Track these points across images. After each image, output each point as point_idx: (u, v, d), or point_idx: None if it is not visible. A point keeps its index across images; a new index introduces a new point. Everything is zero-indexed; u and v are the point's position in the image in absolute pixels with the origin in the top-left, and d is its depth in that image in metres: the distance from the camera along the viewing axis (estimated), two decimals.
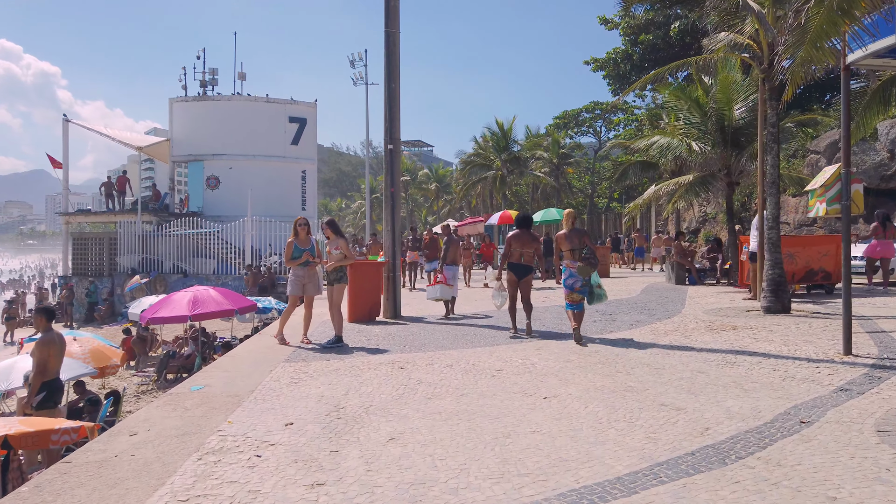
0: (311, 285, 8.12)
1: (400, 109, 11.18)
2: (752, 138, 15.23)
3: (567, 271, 7.65)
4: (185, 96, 28.99)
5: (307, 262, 7.99)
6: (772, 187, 9.79)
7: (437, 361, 6.82)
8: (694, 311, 10.22)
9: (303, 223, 8.10)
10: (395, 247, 11.09)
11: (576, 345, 7.41)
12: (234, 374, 6.38)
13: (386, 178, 11.17)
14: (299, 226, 8.05)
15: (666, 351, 6.89)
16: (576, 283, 7.60)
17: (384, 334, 8.89)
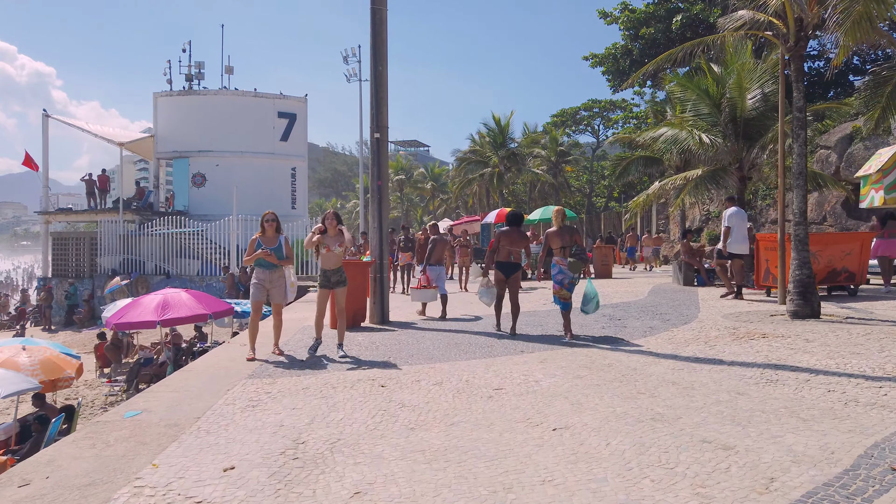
0: (277, 291, 7.01)
1: (387, 95, 10.19)
2: (765, 129, 14.32)
3: (557, 268, 7.65)
4: (169, 91, 27.94)
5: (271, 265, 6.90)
6: (798, 179, 8.83)
7: (425, 377, 5.84)
8: (711, 315, 9.25)
9: (270, 218, 7.02)
10: (382, 245, 10.11)
11: (586, 358, 6.43)
12: (183, 396, 5.38)
13: (372, 170, 10.19)
14: (266, 221, 6.99)
15: (691, 365, 5.92)
16: (565, 279, 7.60)
17: (368, 343, 7.90)
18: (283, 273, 7.05)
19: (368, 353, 7.21)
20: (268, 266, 6.92)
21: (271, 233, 6.99)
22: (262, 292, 6.96)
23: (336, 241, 6.92)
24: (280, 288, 7.03)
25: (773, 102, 14.57)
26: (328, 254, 6.90)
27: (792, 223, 8.91)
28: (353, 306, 9.56)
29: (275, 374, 6.12)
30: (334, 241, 6.92)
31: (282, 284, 7.03)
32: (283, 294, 7.08)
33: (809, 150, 23.59)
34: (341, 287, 7.05)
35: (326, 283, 7.01)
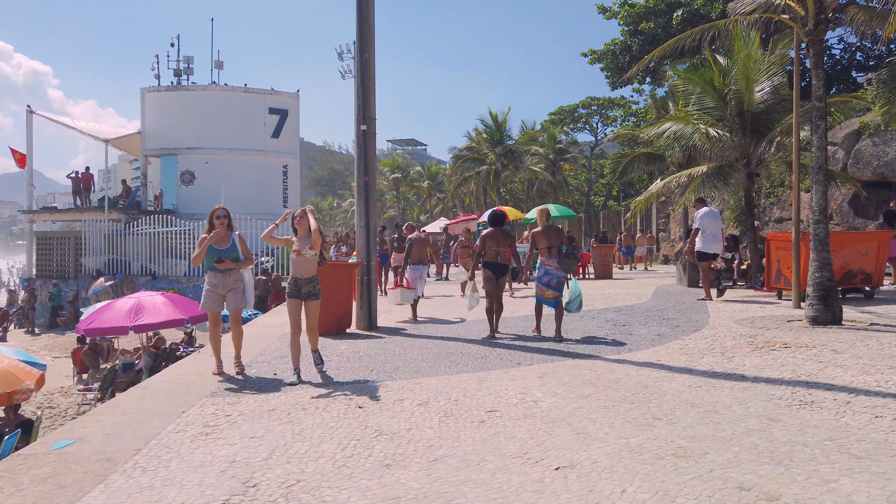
0: (234, 296, 6.15)
1: (375, 84, 9.52)
2: (774, 123, 13.67)
3: (542, 268, 7.58)
4: (157, 86, 27.19)
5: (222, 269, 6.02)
6: (818, 173, 8.17)
7: (409, 395, 5.16)
8: (723, 321, 8.59)
9: (220, 215, 6.14)
10: (369, 245, 9.42)
11: (591, 373, 5.75)
12: (129, 419, 4.69)
13: (358, 164, 9.50)
14: (216, 218, 6.12)
15: (710, 381, 5.24)
16: (551, 280, 7.54)
17: (351, 353, 7.22)
18: (239, 276, 6.20)
19: (349, 365, 6.53)
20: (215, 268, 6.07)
21: (223, 231, 6.12)
22: (217, 300, 6.13)
23: (307, 244, 5.90)
24: (237, 292, 6.16)
25: (782, 95, 13.91)
26: (298, 259, 5.90)
27: (811, 221, 8.25)
28: (337, 311, 8.89)
29: (241, 392, 5.43)
30: (305, 243, 5.91)
31: (239, 288, 6.17)
32: (241, 299, 6.20)
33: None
34: (313, 301, 6.01)
35: (296, 293, 6.01)
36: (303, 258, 5.91)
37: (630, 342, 7.25)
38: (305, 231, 5.94)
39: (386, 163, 60.21)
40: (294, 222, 6.00)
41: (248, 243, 6.24)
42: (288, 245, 6.02)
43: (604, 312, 10.02)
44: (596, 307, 10.80)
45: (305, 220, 5.94)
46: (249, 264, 6.31)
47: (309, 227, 5.91)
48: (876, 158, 18.18)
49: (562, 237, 7.74)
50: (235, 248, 6.15)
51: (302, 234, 5.96)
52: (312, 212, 6.05)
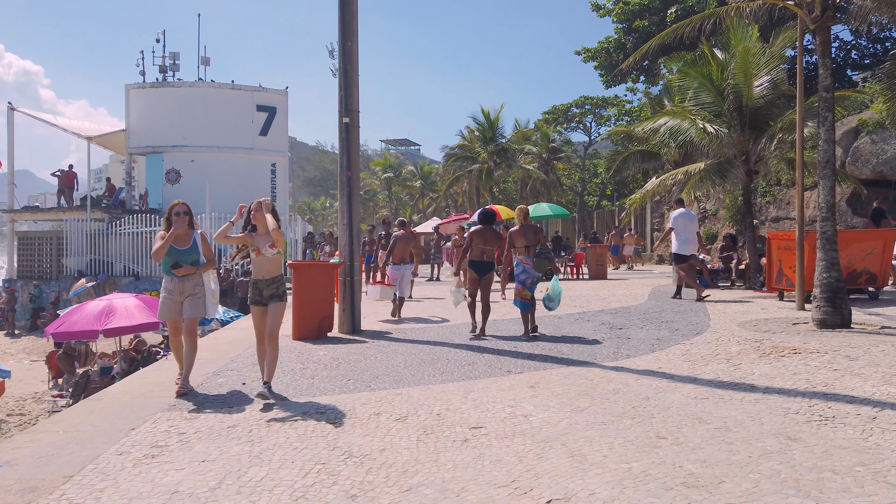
0: (192, 304, 5.40)
1: (358, 74, 9.02)
2: (773, 119, 13.26)
3: (520, 266, 7.52)
4: (142, 83, 26.57)
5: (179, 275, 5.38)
6: (825, 168, 7.74)
7: (387, 408, 4.67)
8: (725, 324, 8.14)
9: (180, 211, 5.41)
10: (352, 244, 8.92)
11: (586, 382, 5.27)
12: (70, 438, 4.18)
13: (341, 159, 9.00)
14: (174, 215, 5.38)
15: (717, 392, 4.78)
16: (528, 279, 7.47)
17: (329, 359, 6.72)
18: (200, 281, 5.50)
19: (326, 373, 6.03)
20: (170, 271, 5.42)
21: (184, 231, 5.42)
22: (175, 307, 5.44)
23: (267, 241, 5.16)
24: (196, 300, 5.43)
25: (781, 90, 13.52)
26: (259, 259, 5.16)
27: (818, 219, 7.82)
28: (319, 314, 8.39)
29: (201, 406, 4.92)
30: (264, 240, 5.17)
31: (199, 295, 5.46)
32: (201, 307, 5.48)
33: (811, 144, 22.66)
34: (276, 303, 5.18)
35: (258, 299, 5.19)
36: (263, 258, 5.17)
37: (628, 347, 6.78)
38: (265, 227, 5.20)
39: (378, 162, 59.67)
40: (251, 217, 5.23)
41: None
42: (246, 243, 5.26)
43: (599, 314, 9.56)
44: (591, 308, 10.35)
45: (261, 214, 5.16)
46: (212, 267, 5.66)
47: (266, 221, 5.16)
48: (875, 156, 17.82)
49: (539, 236, 7.71)
50: (196, 250, 5.48)
51: (262, 231, 5.21)
52: (268, 205, 5.27)
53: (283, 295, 5.24)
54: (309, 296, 8.34)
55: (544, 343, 7.23)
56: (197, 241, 5.51)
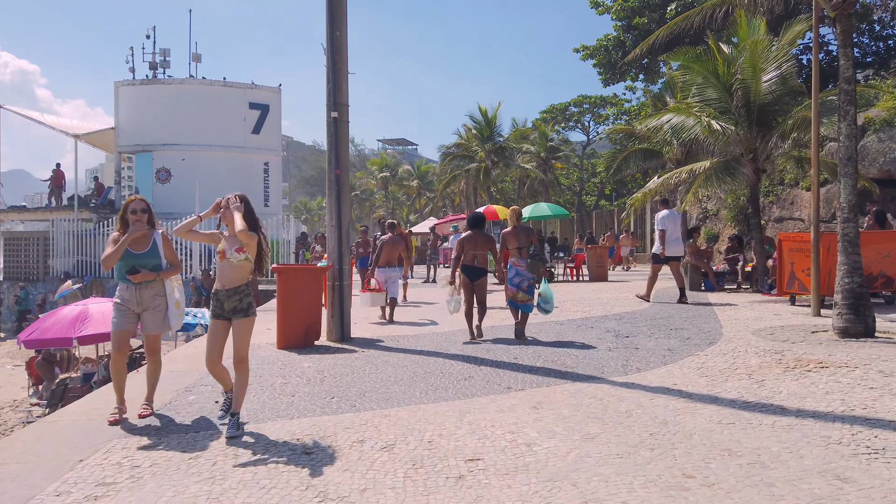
0: (152, 317, 4.67)
1: (347, 66, 8.49)
2: (782, 115, 12.76)
3: (513, 269, 7.45)
4: (132, 80, 25.98)
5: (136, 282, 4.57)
6: (847, 165, 7.23)
7: (372, 434, 4.15)
8: (740, 332, 7.62)
9: (137, 208, 4.61)
10: (341, 247, 8.39)
11: (595, 402, 4.75)
12: (6, 472, 3.63)
13: (329, 156, 8.47)
14: (130, 213, 4.59)
15: (743, 415, 4.26)
16: (522, 281, 7.39)
17: (313, 372, 6.19)
18: (162, 288, 4.73)
19: (308, 389, 5.50)
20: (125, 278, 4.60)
21: (142, 231, 4.64)
22: (130, 318, 4.65)
23: (235, 244, 4.36)
24: (157, 312, 4.68)
25: (790, 85, 13.03)
26: (222, 263, 4.39)
27: (839, 220, 7.31)
28: (305, 321, 7.85)
29: (164, 431, 4.39)
30: (232, 243, 4.38)
31: (160, 306, 4.70)
32: (163, 321, 4.73)
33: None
34: (241, 319, 4.35)
35: (219, 311, 4.39)
36: (227, 263, 4.36)
37: (637, 359, 6.26)
38: (234, 228, 4.34)
39: (374, 161, 59.14)
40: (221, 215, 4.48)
41: None
42: (213, 242, 4.56)
43: (603, 321, 9.05)
44: (594, 314, 9.84)
45: (229, 213, 4.38)
46: (175, 273, 4.86)
47: (234, 219, 4.32)
48: (882, 155, 17.33)
49: (531, 238, 7.68)
50: (156, 254, 4.69)
51: (230, 232, 4.42)
52: (238, 206, 4.38)
53: (248, 309, 4.39)
54: (295, 301, 7.81)
55: (546, 354, 6.70)
56: (157, 242, 4.73)
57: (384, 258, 9.88)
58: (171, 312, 4.76)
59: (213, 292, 4.46)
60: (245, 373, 4.39)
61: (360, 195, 59.76)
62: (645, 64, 34.97)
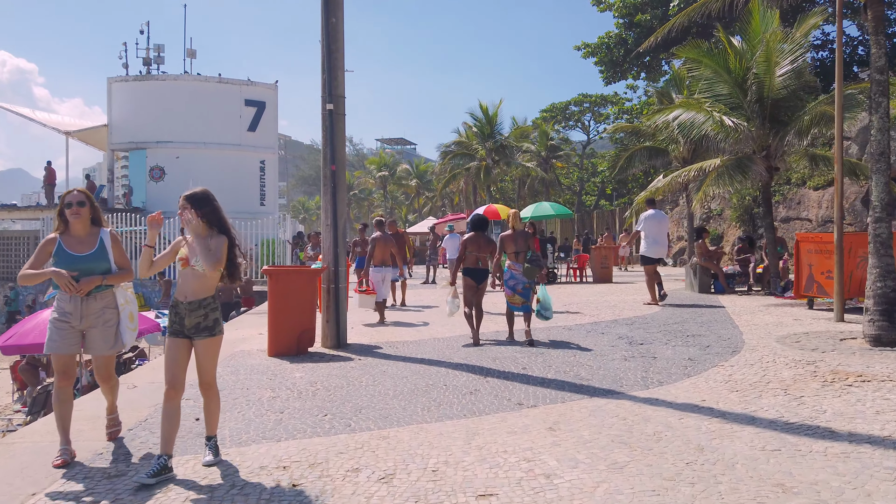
0: (100, 334, 3.87)
1: (344, 55, 7.99)
2: (795, 111, 12.29)
3: (509, 272, 7.46)
4: (125, 76, 25.46)
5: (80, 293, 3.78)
6: (880, 161, 6.78)
7: (368, 461, 3.66)
8: (762, 339, 7.14)
9: (73, 201, 3.85)
10: (337, 247, 7.89)
11: (618, 422, 4.25)
12: None
13: (324, 150, 7.98)
14: (65, 206, 3.87)
15: (788, 439, 3.77)
16: (517, 284, 7.41)
17: (305, 384, 5.70)
18: (112, 299, 3.95)
19: (299, 404, 5.00)
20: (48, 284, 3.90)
21: (81, 228, 3.88)
22: (72, 338, 3.84)
23: (200, 249, 3.64)
24: (106, 328, 3.88)
25: (805, 79, 12.57)
26: (183, 271, 3.70)
27: (870, 220, 6.84)
28: (298, 327, 7.35)
29: (129, 457, 3.89)
30: (195, 249, 3.67)
31: (111, 320, 3.90)
32: (113, 337, 3.91)
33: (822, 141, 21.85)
34: (204, 338, 3.65)
35: (177, 328, 3.66)
36: (190, 271, 3.66)
37: (657, 370, 5.77)
38: (196, 230, 3.71)
39: (373, 160, 58.69)
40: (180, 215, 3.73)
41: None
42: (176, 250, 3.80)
43: (614, 326, 8.56)
44: (603, 319, 9.35)
45: (185, 214, 3.67)
46: (127, 278, 4.02)
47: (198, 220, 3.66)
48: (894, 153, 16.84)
49: (529, 242, 7.62)
50: (104, 256, 3.90)
51: (197, 232, 3.73)
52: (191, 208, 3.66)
53: (214, 327, 3.67)
54: (287, 306, 7.31)
55: (557, 363, 6.22)
56: (105, 243, 3.92)
57: (378, 257, 9.63)
58: (124, 326, 3.99)
59: (171, 304, 3.73)
60: (215, 397, 3.82)
61: (359, 194, 59.30)
62: (647, 62, 34.57)
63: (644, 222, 11.11)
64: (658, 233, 11.03)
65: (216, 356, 3.78)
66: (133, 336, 4.10)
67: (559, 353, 6.70)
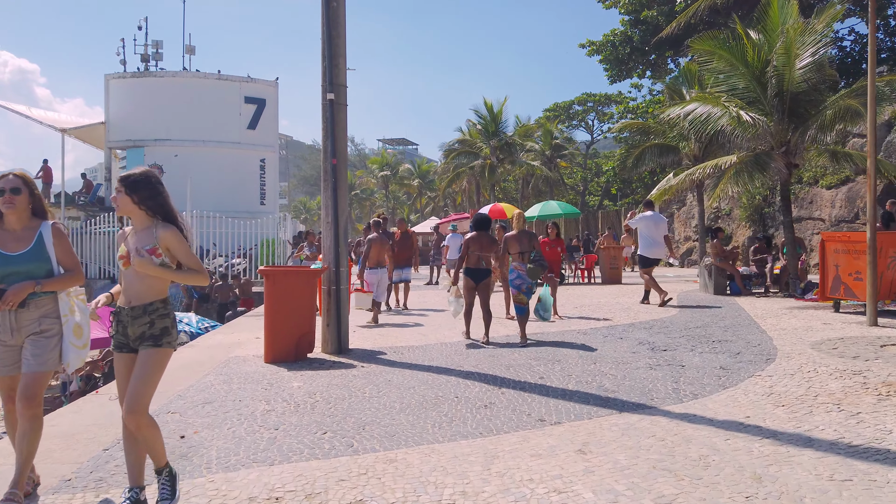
0: (34, 348, 3.12)
1: (346, 41, 7.50)
2: (815, 105, 11.78)
3: (514, 272, 7.49)
4: (123, 72, 24.98)
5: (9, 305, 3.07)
6: None
7: (374, 493, 3.17)
8: (795, 345, 6.64)
9: (6, 187, 3.16)
10: (338, 246, 7.40)
11: (657, 444, 3.76)
12: None
13: (325, 144, 7.49)
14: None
15: (857, 466, 3.28)
16: (522, 284, 7.41)
17: (304, 395, 5.21)
18: (53, 308, 3.21)
19: (297, 419, 4.52)
20: None
21: (16, 221, 3.20)
22: (9, 356, 3.18)
23: (143, 242, 3.03)
24: (44, 341, 3.14)
25: (826, 72, 12.07)
26: (126, 272, 3.05)
27: None
28: (296, 331, 6.87)
29: (85, 488, 3.40)
30: (139, 240, 3.05)
31: (50, 333, 3.17)
32: (50, 354, 3.15)
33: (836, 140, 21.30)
34: (149, 349, 3.00)
35: (122, 340, 3.06)
36: (133, 270, 3.01)
37: (688, 380, 5.28)
38: (142, 222, 3.09)
39: (374, 160, 58.24)
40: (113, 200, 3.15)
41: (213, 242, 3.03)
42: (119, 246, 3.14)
43: (631, 330, 8.07)
44: (619, 321, 8.86)
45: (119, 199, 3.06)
46: (75, 282, 3.30)
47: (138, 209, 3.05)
48: None
49: (534, 243, 7.64)
50: (42, 255, 3.18)
51: (137, 226, 3.11)
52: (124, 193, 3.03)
53: (160, 336, 3.02)
54: (284, 308, 6.83)
55: (577, 372, 5.72)
56: (45, 239, 3.20)
57: (374, 258, 9.44)
58: (67, 342, 3.21)
59: (113, 312, 3.11)
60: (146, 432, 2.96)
61: (360, 194, 58.83)
62: (652, 60, 34.07)
63: (640, 223, 11.08)
64: (656, 234, 11.02)
65: (155, 376, 2.99)
66: (80, 356, 3.30)
67: (577, 361, 6.21)
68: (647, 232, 11.03)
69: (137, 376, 2.95)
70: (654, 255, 11.07)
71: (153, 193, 3.08)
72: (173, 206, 3.17)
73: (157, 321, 3.03)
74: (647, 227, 11.04)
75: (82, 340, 3.31)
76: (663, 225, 11.43)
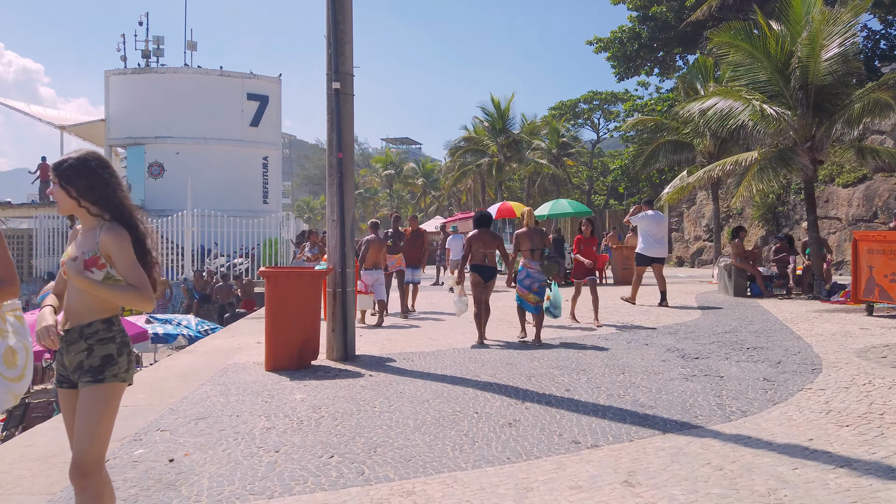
0: None
1: (352, 27, 7.02)
2: (841, 99, 11.26)
3: (524, 271, 7.42)
4: (123, 68, 24.56)
5: None
6: None
7: None
8: (838, 353, 6.14)
9: None
10: (344, 246, 6.92)
11: (716, 473, 3.27)
12: None
13: (330, 137, 7.01)
14: None
15: None
16: (533, 283, 7.35)
17: (308, 409, 4.73)
18: None
19: (300, 438, 4.04)
20: None
21: None
22: None
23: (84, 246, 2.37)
24: None
25: (852, 65, 11.55)
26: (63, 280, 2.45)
27: None
28: (299, 337, 6.39)
29: None
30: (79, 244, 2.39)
31: None
32: None
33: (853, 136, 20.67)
34: (88, 385, 2.31)
35: (62, 373, 2.40)
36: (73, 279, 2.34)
37: (730, 394, 4.78)
38: (86, 221, 2.42)
39: (378, 159, 57.82)
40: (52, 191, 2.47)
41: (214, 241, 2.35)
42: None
43: (656, 336, 7.57)
44: (640, 324, 8.38)
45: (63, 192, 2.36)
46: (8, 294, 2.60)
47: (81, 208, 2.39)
48: None
49: (545, 240, 7.66)
50: None
51: (84, 227, 2.45)
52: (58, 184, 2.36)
53: (101, 368, 2.32)
54: (286, 313, 6.35)
55: (605, 383, 5.23)
56: None
57: (371, 259, 9.24)
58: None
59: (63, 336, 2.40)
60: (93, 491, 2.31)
61: (364, 193, 58.38)
62: (661, 57, 33.53)
63: (642, 221, 10.95)
64: (658, 232, 11.00)
65: (102, 422, 2.31)
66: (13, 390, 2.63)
67: (604, 371, 5.72)
68: (649, 230, 10.88)
69: (79, 423, 2.29)
70: (652, 253, 10.87)
71: (94, 183, 2.36)
72: (125, 200, 2.44)
73: (96, 348, 2.31)
74: (648, 225, 10.89)
75: (16, 370, 2.66)
76: (664, 224, 11.33)
